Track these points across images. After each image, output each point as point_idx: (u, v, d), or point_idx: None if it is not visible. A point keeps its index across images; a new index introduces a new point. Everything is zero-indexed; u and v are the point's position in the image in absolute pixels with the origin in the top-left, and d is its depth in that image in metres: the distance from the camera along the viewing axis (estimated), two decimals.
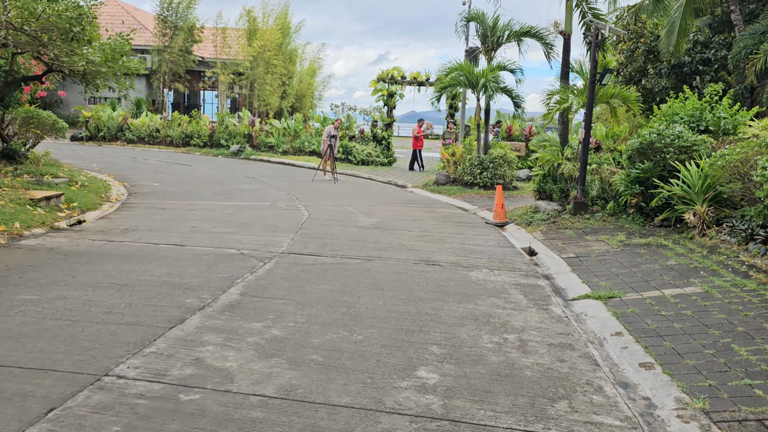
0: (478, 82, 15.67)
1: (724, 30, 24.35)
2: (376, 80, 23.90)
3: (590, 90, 11.45)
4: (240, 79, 42.67)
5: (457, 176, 17.08)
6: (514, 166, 17.02)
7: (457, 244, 10.06)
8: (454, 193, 16.01)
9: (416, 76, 23.95)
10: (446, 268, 8.37)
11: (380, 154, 23.43)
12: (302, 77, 55.88)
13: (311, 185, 16.97)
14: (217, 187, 15.55)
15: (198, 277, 7.21)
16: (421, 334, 5.64)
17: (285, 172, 20.39)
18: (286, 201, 13.82)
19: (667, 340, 5.52)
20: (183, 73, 40.36)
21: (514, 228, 11.77)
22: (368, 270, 8.04)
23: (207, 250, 8.78)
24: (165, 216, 11.47)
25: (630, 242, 9.71)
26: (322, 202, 13.96)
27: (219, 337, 5.24)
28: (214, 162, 22.40)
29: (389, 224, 11.54)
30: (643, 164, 10.72)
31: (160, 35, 39.50)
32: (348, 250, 9.23)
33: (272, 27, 44.91)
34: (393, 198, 15.40)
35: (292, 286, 7.07)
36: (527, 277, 8.22)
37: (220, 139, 25.66)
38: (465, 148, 17.08)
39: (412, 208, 13.88)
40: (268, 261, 8.24)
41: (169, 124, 26.76)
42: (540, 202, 12.36)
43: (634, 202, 10.97)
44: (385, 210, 13.25)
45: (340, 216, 12.17)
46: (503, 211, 12.20)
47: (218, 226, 10.62)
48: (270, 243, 9.44)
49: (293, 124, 25.04)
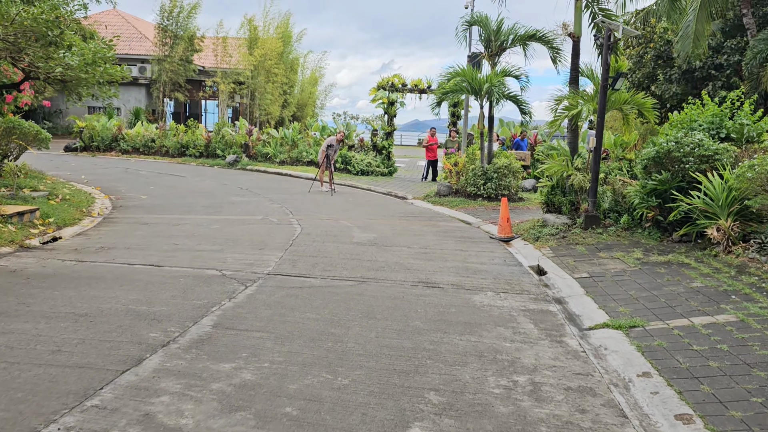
0: (481, 88, 14.93)
1: (736, 34, 23.61)
2: (375, 88, 23.20)
3: (602, 95, 10.69)
4: (241, 88, 42.16)
5: (459, 187, 16.32)
6: (519, 176, 16.25)
7: (459, 263, 9.28)
8: (457, 204, 15.23)
9: (417, 84, 23.22)
10: (447, 291, 7.59)
11: (380, 164, 22.69)
12: (304, 86, 55.39)
13: (307, 197, 16.22)
14: (207, 200, 14.80)
15: (169, 305, 6.44)
16: (417, 376, 4.86)
17: (281, 183, 19.66)
18: (279, 215, 13.07)
19: (705, 384, 4.72)
20: (183, 82, 39.87)
21: (520, 243, 10.98)
22: (361, 294, 7.26)
23: (186, 271, 8.01)
24: (147, 232, 10.72)
25: (648, 260, 8.91)
26: (317, 215, 13.20)
27: (178, 384, 4.46)
28: (209, 173, 21.68)
29: (387, 240, 10.76)
30: (660, 175, 9.94)
31: (160, 45, 39.00)
32: (340, 270, 8.45)
33: (273, 36, 44.46)
34: (392, 210, 14.64)
35: (273, 314, 6.29)
36: (537, 301, 7.42)
37: (216, 149, 24.96)
38: (468, 158, 16.32)
39: (412, 221, 13.11)
40: (250, 284, 7.47)
41: (165, 134, 26.08)
42: (548, 216, 11.58)
43: (650, 215, 10.18)
44: (384, 224, 12.49)
45: (334, 231, 11.41)
46: (509, 225, 11.42)
47: (202, 243, 9.87)
48: (256, 262, 8.67)
49: (291, 134, 24.32)
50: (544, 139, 22.43)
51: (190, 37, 39.37)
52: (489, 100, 15.51)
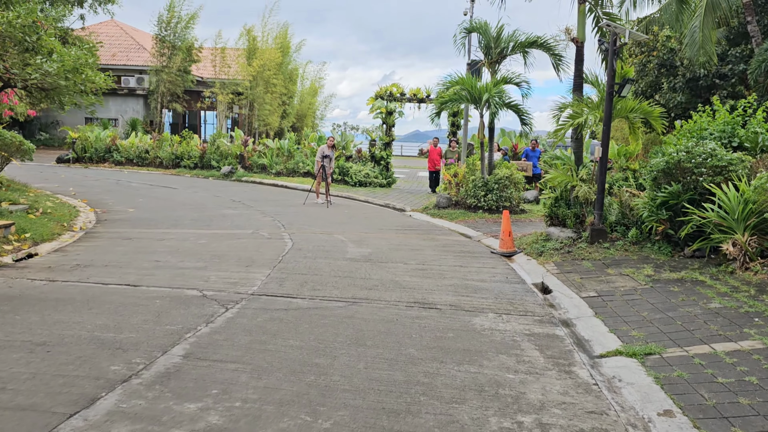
0: (481, 97, 14.41)
1: (740, 42, 23.12)
2: (373, 97, 22.71)
3: (608, 103, 10.16)
4: (239, 99, 41.87)
5: (459, 199, 15.76)
6: (521, 187, 15.70)
7: (458, 280, 8.71)
8: (456, 217, 14.67)
9: (416, 93, 22.73)
10: (445, 313, 7.02)
11: (379, 175, 22.16)
12: (303, 97, 55.17)
13: (301, 209, 15.67)
14: (197, 213, 14.25)
15: (139, 331, 5.87)
16: (409, 417, 4.28)
17: (276, 194, 19.11)
18: (270, 228, 12.51)
19: (737, 425, 4.14)
20: (181, 93, 39.54)
21: (523, 259, 10.42)
22: (351, 317, 6.69)
23: (163, 291, 7.45)
24: (129, 248, 10.16)
25: (660, 277, 8.34)
26: (311, 229, 12.64)
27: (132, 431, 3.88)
28: (202, 184, 21.15)
29: (382, 255, 10.20)
30: (670, 186, 9.39)
31: (158, 55, 38.67)
32: (331, 289, 7.88)
33: (272, 47, 44.24)
34: (390, 223, 14.08)
35: (253, 342, 5.72)
36: (542, 323, 6.85)
37: (210, 160, 24.45)
38: (468, 169, 15.78)
39: (410, 235, 12.54)
40: (232, 306, 6.90)
41: (159, 145, 25.58)
42: (552, 229, 11.01)
43: (660, 229, 9.62)
44: (380, 238, 11.92)
45: (327, 246, 10.84)
46: (511, 239, 10.85)
47: (186, 260, 9.30)
48: (241, 281, 8.10)
49: (287, 144, 23.80)
50: (545, 149, 21.90)
51: (188, 47, 39.09)
52: (489, 109, 14.99)
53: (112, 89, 41.92)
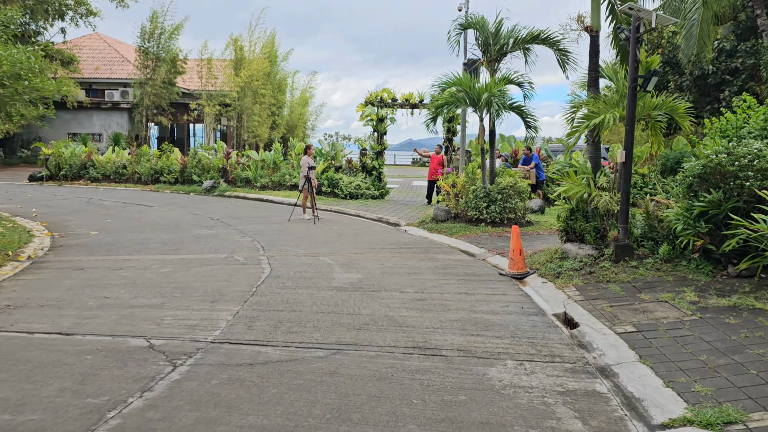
0: (480, 98, 13.02)
1: (749, 36, 21.89)
2: (363, 104, 21.32)
3: (631, 99, 8.77)
4: (227, 110, 40.65)
5: (459, 211, 14.34)
6: (525, 197, 14.30)
7: (465, 313, 7.27)
8: (457, 232, 13.23)
9: (408, 98, 21.36)
10: (452, 362, 5.58)
11: (370, 186, 20.73)
12: (293, 107, 54.12)
13: (286, 227, 14.21)
14: (168, 234, 12.78)
15: (47, 409, 4.41)
16: None
17: (259, 210, 17.65)
18: (248, 251, 11.05)
19: None
20: (166, 105, 38.20)
21: (538, 282, 8.99)
22: (334, 373, 5.25)
23: (101, 342, 5.99)
24: (77, 281, 8.69)
25: (707, 305, 6.94)
26: (294, 250, 11.19)
27: None
28: (181, 201, 19.66)
29: (374, 282, 8.75)
30: (709, 194, 8.00)
31: (142, 67, 37.33)
32: (311, 331, 6.44)
33: (259, 56, 43.16)
34: (383, 240, 12.63)
35: (198, 422, 4.26)
36: (576, 374, 5.41)
37: (192, 174, 22.97)
38: (468, 178, 14.36)
39: (406, 254, 11.10)
40: (183, 361, 5.45)
41: (137, 160, 24.10)
42: (569, 246, 9.59)
43: (698, 244, 8.21)
44: (372, 259, 10.48)
45: (311, 272, 9.39)
46: (522, 258, 9.43)
47: (141, 295, 7.84)
48: (201, 323, 6.65)
49: (272, 156, 22.35)
50: (549, 155, 20.56)
51: (173, 59, 37.79)
52: (489, 112, 13.60)
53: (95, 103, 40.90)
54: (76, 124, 40.33)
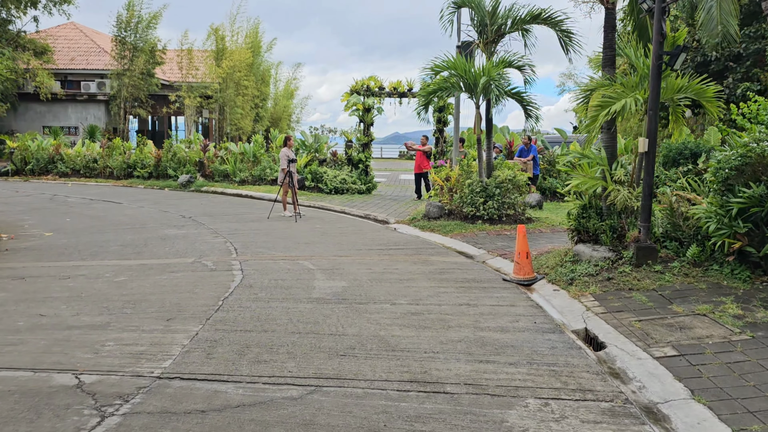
0: (477, 83, 11.85)
1: (752, 21, 20.88)
2: (348, 92, 20.08)
3: (655, 79, 7.64)
4: (209, 102, 39.33)
5: (453, 207, 13.18)
6: (525, 191, 13.16)
7: (469, 331, 6.11)
8: (451, 230, 12.07)
9: (396, 86, 20.14)
10: (460, 403, 4.42)
11: (357, 180, 19.52)
12: (278, 99, 52.91)
13: (264, 226, 12.98)
14: (131, 235, 11.51)
15: None
16: None
17: (236, 207, 16.39)
18: (219, 254, 9.83)
19: None
20: (145, 97, 36.73)
21: (548, 288, 7.85)
22: (309, 424, 4.07)
23: (18, 379, 4.77)
24: (12, 294, 7.43)
25: (756, 319, 5.86)
26: (271, 253, 9.98)
27: None
28: (154, 197, 18.34)
29: (361, 291, 7.58)
30: (748, 189, 6.90)
31: (119, 58, 35.83)
32: (284, 359, 5.25)
33: (242, 46, 41.87)
34: (370, 240, 11.45)
35: None
36: (616, 418, 4.27)
37: (167, 168, 21.62)
38: (462, 171, 13.20)
39: (396, 256, 9.93)
40: (116, 409, 4.24)
41: (109, 153, 22.70)
42: (581, 247, 8.46)
43: (735, 246, 7.11)
44: (358, 263, 9.30)
45: (289, 279, 8.19)
46: (529, 262, 8.28)
47: (84, 312, 6.61)
48: (150, 350, 5.44)
49: (252, 148, 21.03)
50: (546, 147, 19.45)
51: (151, 49, 36.32)
52: (487, 99, 12.44)
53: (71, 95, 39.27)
54: (51, 116, 38.85)
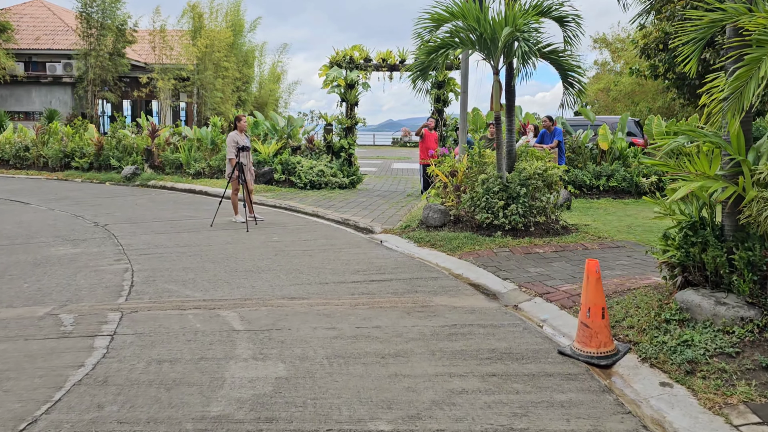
0: (496, 36, 8.26)
1: None
2: (327, 65, 16.43)
3: None
4: (185, 85, 35.84)
5: (461, 212, 9.62)
6: (557, 189, 9.60)
7: None
8: (460, 246, 8.52)
9: (386, 57, 16.50)
10: None
11: (338, 172, 15.93)
12: (263, 83, 49.43)
13: (199, 238, 9.41)
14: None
15: None
16: None
17: (180, 207, 12.76)
18: (99, 296, 6.24)
19: None
20: (114, 79, 33.15)
21: (647, 379, 4.31)
22: None
23: None
24: None
25: None
26: (183, 293, 6.40)
27: None
28: (81, 194, 14.67)
29: (308, 395, 4.03)
30: None
31: (85, 36, 32.20)
32: None
33: (222, 26, 38.48)
34: (344, 264, 7.88)
35: None
36: None
37: (109, 158, 17.92)
38: (473, 162, 9.63)
39: (380, 297, 6.38)
40: None
41: (43, 140, 18.98)
42: (692, 296, 4.92)
43: None
44: (316, 315, 5.74)
45: (184, 360, 4.61)
46: (606, 325, 4.73)
47: None
48: None
49: (209, 133, 17.33)
50: (569, 131, 15.88)
51: (120, 26, 32.66)
52: (509, 60, 8.85)
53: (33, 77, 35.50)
54: (13, 101, 35.33)
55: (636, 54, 22.86)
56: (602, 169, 14.81)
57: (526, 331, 5.43)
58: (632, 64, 26.78)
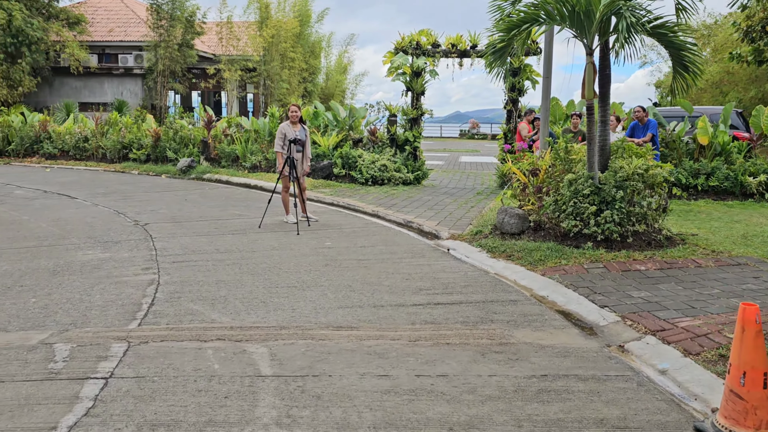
0: (591, 8, 6.82)
1: None
2: (393, 51, 15.19)
3: None
4: (251, 76, 35.58)
5: (543, 218, 8.22)
6: (661, 192, 8.05)
7: None
8: (543, 259, 7.14)
9: (455, 43, 15.11)
10: None
11: (402, 167, 14.71)
12: (330, 74, 48.88)
13: (243, 242, 8.39)
14: (11, 265, 7.10)
15: None
16: None
17: (231, 205, 11.83)
18: (109, 319, 5.24)
19: None
20: (182, 71, 33.18)
21: None
22: None
23: None
24: None
25: None
26: (209, 316, 5.33)
27: None
28: (132, 188, 14.00)
29: None
30: None
31: (155, 27, 32.31)
32: None
33: (289, 16, 38.08)
34: (403, 280, 6.65)
35: None
36: None
37: (165, 149, 17.31)
38: (558, 159, 8.19)
39: (445, 329, 5.13)
40: None
41: (102, 131, 18.59)
42: None
43: None
44: (364, 355, 4.57)
45: (189, 415, 3.50)
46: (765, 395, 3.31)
47: None
48: None
49: (267, 124, 16.41)
50: (662, 124, 14.09)
51: (189, 17, 32.59)
52: (605, 39, 7.37)
53: (106, 69, 35.93)
54: (87, 92, 35.92)
55: (734, 38, 20.60)
56: (701, 167, 13.00)
57: (642, 388, 4.06)
58: (724, 51, 24.38)
